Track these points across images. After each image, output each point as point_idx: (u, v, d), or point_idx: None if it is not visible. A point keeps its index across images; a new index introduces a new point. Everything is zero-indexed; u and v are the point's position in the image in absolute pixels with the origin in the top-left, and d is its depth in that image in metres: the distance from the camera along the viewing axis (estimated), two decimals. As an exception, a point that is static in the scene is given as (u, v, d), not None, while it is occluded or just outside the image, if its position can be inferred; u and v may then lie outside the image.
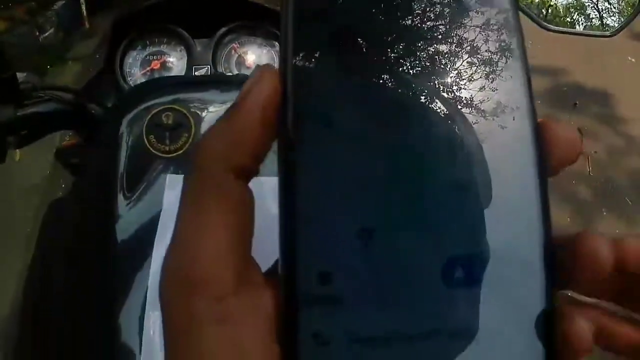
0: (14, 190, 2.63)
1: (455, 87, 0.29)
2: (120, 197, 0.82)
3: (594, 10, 1.13)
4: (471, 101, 0.29)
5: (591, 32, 1.11)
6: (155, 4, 1.14)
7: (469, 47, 0.30)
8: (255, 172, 0.29)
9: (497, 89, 0.29)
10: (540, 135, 0.29)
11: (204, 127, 0.85)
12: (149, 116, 0.83)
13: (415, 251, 0.27)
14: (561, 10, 1.13)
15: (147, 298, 0.73)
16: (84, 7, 4.22)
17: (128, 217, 0.81)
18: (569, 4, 1.13)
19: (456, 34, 0.30)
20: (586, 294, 0.29)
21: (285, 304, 0.27)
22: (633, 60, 3.82)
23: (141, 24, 1.16)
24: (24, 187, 2.59)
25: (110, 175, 0.83)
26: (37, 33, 3.98)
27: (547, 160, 0.29)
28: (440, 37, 0.30)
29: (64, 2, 4.21)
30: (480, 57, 0.30)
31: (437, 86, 0.29)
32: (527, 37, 0.32)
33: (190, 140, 0.83)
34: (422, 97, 0.29)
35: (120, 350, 0.72)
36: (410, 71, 0.29)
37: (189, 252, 0.27)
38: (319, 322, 0.26)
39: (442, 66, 0.29)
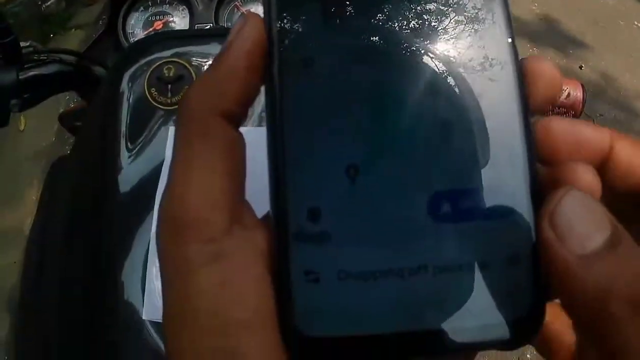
0: (19, 158, 2.64)
1: (434, 30, 0.29)
2: (123, 149, 0.82)
3: None
4: (452, 40, 0.29)
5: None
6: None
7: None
8: (244, 117, 0.29)
9: (478, 27, 0.29)
10: (521, 70, 0.29)
11: None
12: (150, 70, 0.83)
13: (402, 186, 0.28)
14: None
15: (149, 249, 0.74)
16: (85, -25, 4.21)
17: (130, 169, 0.81)
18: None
19: None
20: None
21: (276, 241, 0.27)
22: (638, 23, 3.80)
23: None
24: (29, 155, 2.60)
25: (112, 128, 0.83)
26: (40, 2, 3.97)
27: (530, 96, 0.29)
28: None
29: (65, -30, 4.20)
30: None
31: (417, 28, 0.29)
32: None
33: None
34: (404, 40, 0.29)
35: (124, 307, 0.73)
36: (392, 17, 0.29)
37: (180, 196, 0.27)
38: (310, 259, 0.27)
39: (422, 12, 0.29)
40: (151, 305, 0.71)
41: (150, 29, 1.13)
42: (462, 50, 0.29)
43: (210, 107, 0.28)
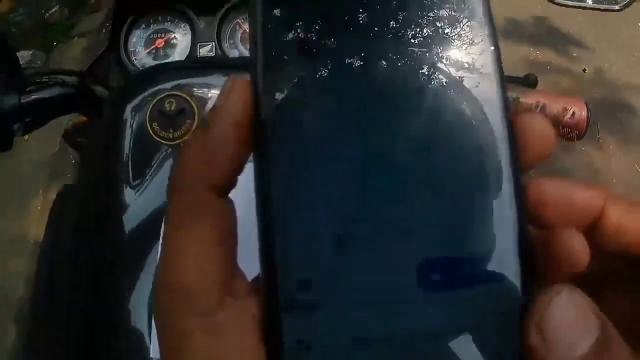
0: (23, 167, 2.65)
1: (420, 94, 0.29)
2: (126, 186, 0.82)
3: None
4: (442, 100, 0.29)
5: (600, 6, 1.10)
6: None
7: (439, 48, 0.29)
8: (233, 186, 0.29)
9: (471, 87, 0.29)
10: (514, 130, 0.29)
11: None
12: (152, 103, 0.82)
13: (391, 255, 0.28)
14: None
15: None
16: (88, -17, 4.22)
17: (135, 206, 0.81)
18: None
19: (428, 28, 0.29)
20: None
21: (268, 311, 0.27)
22: (643, 25, 3.80)
23: (144, 2, 1.14)
24: (34, 164, 2.61)
25: (114, 163, 0.83)
26: (43, 11, 3.99)
27: (522, 156, 0.29)
28: (410, 29, 0.29)
29: (68, -22, 4.21)
30: (452, 49, 0.30)
31: (404, 89, 0.29)
32: (535, 2, 0.31)
33: (194, 126, 0.82)
34: (390, 103, 0.29)
35: (131, 334, 0.73)
36: (376, 74, 0.29)
37: (175, 271, 0.27)
38: (302, 328, 0.27)
39: (412, 60, 0.29)
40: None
41: (152, 47, 1.13)
42: (452, 111, 0.29)
43: (199, 180, 0.28)
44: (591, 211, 0.30)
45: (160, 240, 0.72)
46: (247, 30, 1.10)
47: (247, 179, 0.29)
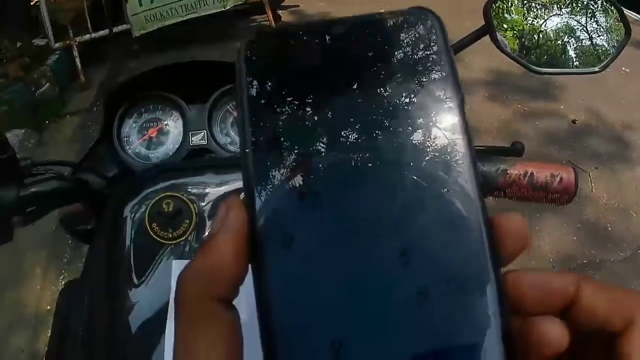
0: (23, 245, 2.64)
1: (400, 192, 0.31)
2: (130, 285, 0.83)
3: (584, 32, 1.15)
4: (421, 205, 0.31)
5: (580, 70, 1.13)
6: (147, 72, 1.15)
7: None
8: (235, 295, 0.32)
9: (446, 185, 0.31)
10: (491, 231, 0.31)
11: (204, 211, 0.87)
12: (150, 205, 0.85)
13: (383, 355, 0.29)
14: (552, 34, 1.14)
15: None
16: (78, 60, 4.27)
17: (140, 305, 0.82)
18: (558, 28, 1.14)
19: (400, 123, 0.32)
20: None
21: None
22: (627, 70, 3.85)
23: (135, 93, 1.17)
24: (34, 243, 2.61)
25: (117, 264, 0.85)
26: (33, 89, 4.02)
27: (500, 254, 0.31)
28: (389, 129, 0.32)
29: (57, 56, 4.25)
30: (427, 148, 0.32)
31: (388, 192, 0.31)
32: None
33: (192, 225, 0.85)
34: (374, 213, 0.31)
35: None
36: (360, 184, 0.31)
37: None
38: None
39: (392, 171, 0.31)
40: None
41: (146, 135, 1.15)
42: (433, 212, 0.31)
43: (204, 294, 0.31)
44: (566, 294, 0.32)
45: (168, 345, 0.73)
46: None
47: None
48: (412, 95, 0.32)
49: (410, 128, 0.32)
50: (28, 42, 4.37)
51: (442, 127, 0.32)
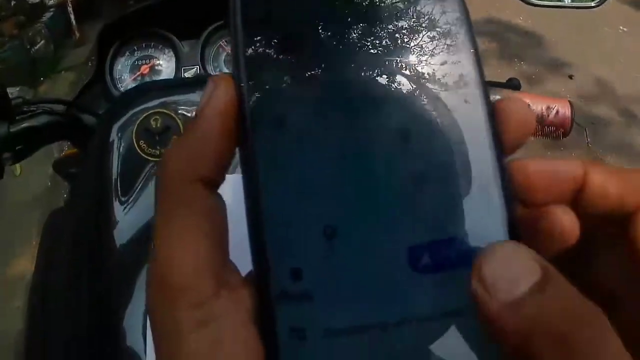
0: (16, 204, 2.64)
1: (400, 79, 0.30)
2: (116, 202, 0.82)
3: None
4: (421, 90, 0.30)
5: (575, 4, 1.11)
6: (139, 9, 1.14)
7: (414, 38, 0.30)
8: (221, 180, 0.30)
9: (446, 73, 0.30)
10: (494, 115, 0.30)
11: None
12: (138, 121, 0.84)
13: (380, 242, 0.28)
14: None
15: None
16: (72, 17, 4.22)
17: (124, 222, 0.81)
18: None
19: (400, 24, 0.30)
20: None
21: (260, 302, 0.28)
22: (625, 29, 3.82)
23: (127, 30, 1.16)
24: (26, 200, 2.61)
25: (104, 181, 0.84)
26: (28, 46, 3.98)
27: (503, 140, 0.30)
28: (386, 23, 0.30)
29: (52, 13, 4.21)
30: (429, 41, 0.30)
31: (383, 80, 0.29)
32: (517, 12, 0.32)
33: None
34: (373, 90, 0.29)
35: (126, 354, 0.73)
36: (356, 67, 0.29)
37: (167, 263, 0.27)
38: (294, 318, 0.27)
39: (387, 59, 0.30)
40: (153, 355, 0.71)
41: (138, 73, 1.14)
42: (434, 97, 0.29)
43: (188, 175, 0.28)
44: (575, 179, 0.31)
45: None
46: (230, 52, 1.11)
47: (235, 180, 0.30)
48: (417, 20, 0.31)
49: (411, 36, 0.30)
50: (22, 0, 4.33)
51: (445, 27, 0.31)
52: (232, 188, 0.32)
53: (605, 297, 0.30)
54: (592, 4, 1.05)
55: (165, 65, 1.15)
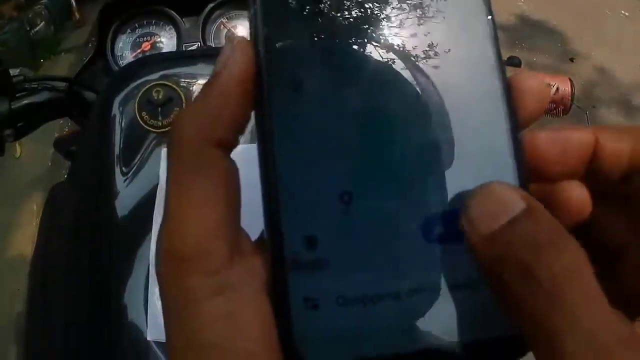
0: (17, 184, 2.64)
1: (419, 47, 0.29)
2: (118, 173, 0.82)
3: None
4: (438, 60, 0.29)
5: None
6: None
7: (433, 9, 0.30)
8: (235, 144, 0.29)
9: (463, 46, 0.30)
10: (509, 88, 0.30)
11: None
12: (140, 93, 0.83)
13: (395, 211, 0.28)
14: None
15: (150, 273, 0.74)
16: (72, -1, 4.20)
17: (126, 193, 0.81)
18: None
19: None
20: None
21: (274, 270, 0.27)
22: (627, 14, 3.80)
23: (128, 8, 1.15)
24: (27, 181, 2.61)
25: (105, 153, 0.84)
26: (28, 28, 3.95)
27: (518, 114, 0.30)
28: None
29: (52, -5, 4.19)
30: (445, 12, 0.30)
31: (401, 47, 0.29)
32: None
33: None
34: (388, 60, 0.29)
35: (128, 328, 0.73)
36: (374, 33, 0.29)
37: (179, 229, 0.27)
38: (308, 286, 0.27)
39: (406, 26, 0.30)
40: (156, 326, 0.71)
41: (139, 51, 1.14)
42: (450, 69, 0.29)
43: (203, 137, 0.28)
44: (586, 145, 0.30)
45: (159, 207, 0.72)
46: (231, 28, 1.11)
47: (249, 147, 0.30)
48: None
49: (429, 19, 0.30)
50: (22, -19, 4.30)
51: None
52: (243, 156, 0.31)
53: (607, 251, 0.31)
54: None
55: (166, 42, 1.15)
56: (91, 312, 0.78)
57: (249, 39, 0.29)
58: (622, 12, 3.80)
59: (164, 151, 0.82)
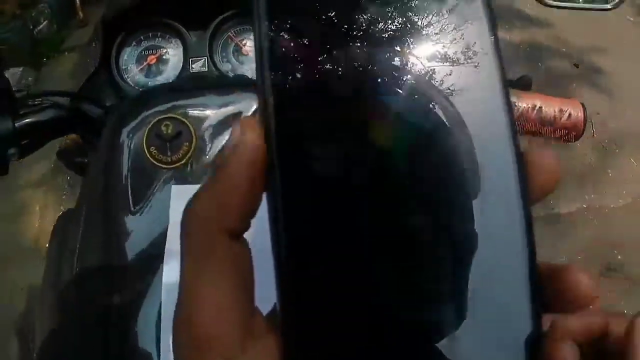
0: (19, 186, 2.65)
1: (428, 122, 0.29)
2: (127, 212, 0.81)
3: None
4: (451, 139, 0.29)
5: (591, 6, 1.10)
6: (146, -3, 1.12)
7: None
8: (247, 228, 0.29)
9: (479, 124, 0.29)
10: (523, 164, 0.29)
11: (205, 134, 0.84)
12: (148, 127, 0.82)
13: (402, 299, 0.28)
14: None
15: (162, 314, 0.73)
16: (76, -3, 4.21)
17: (136, 232, 0.80)
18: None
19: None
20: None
21: (287, 350, 0.27)
22: (632, 19, 3.79)
23: (133, 19, 1.13)
24: (29, 183, 2.61)
25: (114, 189, 0.83)
26: (31, 26, 3.96)
27: (531, 189, 0.29)
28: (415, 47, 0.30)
29: (55, -7, 4.19)
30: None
31: (411, 127, 0.29)
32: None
33: (192, 149, 0.82)
34: (397, 150, 0.29)
35: (139, 354, 0.73)
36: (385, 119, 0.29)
37: (193, 314, 0.27)
38: None
39: (419, 90, 0.29)
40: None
41: (145, 64, 1.13)
42: (463, 150, 0.29)
43: (215, 225, 0.28)
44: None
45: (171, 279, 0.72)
46: (239, 43, 1.10)
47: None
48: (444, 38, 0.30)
49: (441, 63, 0.29)
50: (25, -21, 4.30)
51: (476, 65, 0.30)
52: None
53: None
54: (608, 6, 1.04)
55: (172, 55, 1.13)
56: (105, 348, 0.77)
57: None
58: (628, 17, 3.79)
59: (174, 188, 0.81)
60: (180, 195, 0.80)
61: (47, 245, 1.05)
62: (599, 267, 2.44)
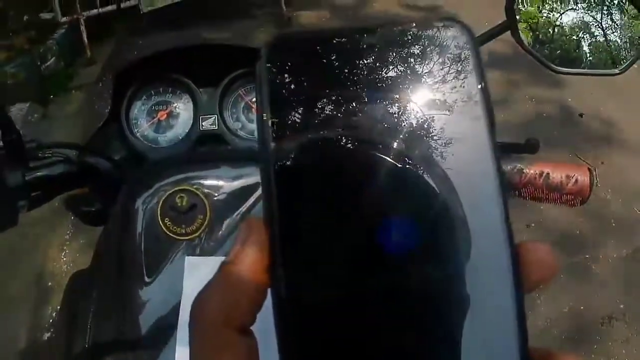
0: (25, 221, 2.64)
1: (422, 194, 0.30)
2: (142, 284, 0.82)
3: (598, 29, 1.14)
4: (446, 225, 0.30)
5: (600, 72, 1.11)
6: (158, 53, 1.13)
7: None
8: (253, 321, 0.31)
9: (471, 210, 0.30)
10: (517, 257, 0.30)
11: (219, 206, 0.85)
12: (162, 198, 0.83)
13: None
14: (567, 29, 1.13)
15: None
16: (84, 35, 4.24)
17: (150, 303, 0.81)
18: (574, 24, 1.13)
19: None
20: None
21: None
22: (636, 66, 3.81)
23: (144, 74, 1.15)
24: (35, 219, 2.62)
25: (128, 262, 0.84)
26: (39, 62, 4.00)
27: (524, 281, 0.30)
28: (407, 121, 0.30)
29: (63, 30, 4.23)
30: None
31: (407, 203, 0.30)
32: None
33: (207, 221, 0.83)
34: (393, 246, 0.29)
35: None
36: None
37: None
38: None
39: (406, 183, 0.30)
40: None
41: (155, 118, 1.13)
42: (454, 238, 0.29)
43: (223, 322, 0.29)
44: None
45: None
46: (249, 102, 1.11)
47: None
48: (440, 105, 0.31)
49: (438, 136, 0.30)
50: (35, 15, 4.34)
51: (473, 155, 0.31)
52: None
53: None
54: (616, 71, 1.05)
55: (182, 110, 1.14)
56: None
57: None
58: (635, 65, 3.80)
59: (187, 260, 0.82)
60: (193, 267, 0.80)
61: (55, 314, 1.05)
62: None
